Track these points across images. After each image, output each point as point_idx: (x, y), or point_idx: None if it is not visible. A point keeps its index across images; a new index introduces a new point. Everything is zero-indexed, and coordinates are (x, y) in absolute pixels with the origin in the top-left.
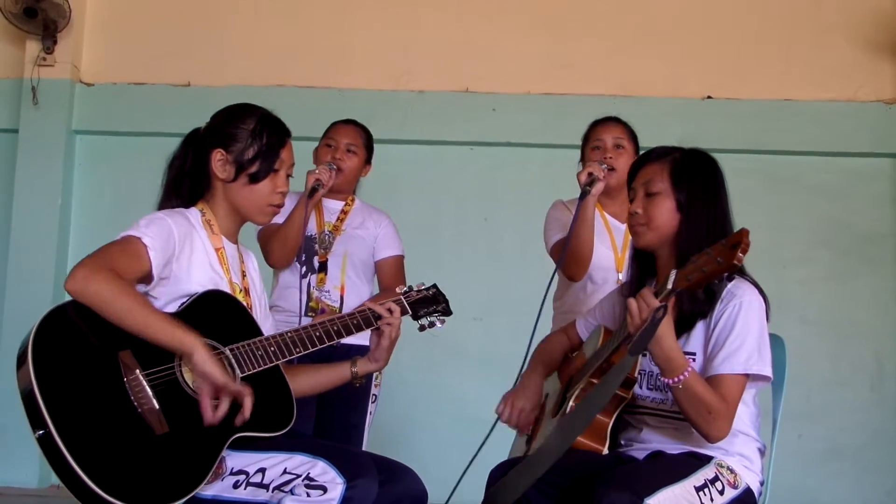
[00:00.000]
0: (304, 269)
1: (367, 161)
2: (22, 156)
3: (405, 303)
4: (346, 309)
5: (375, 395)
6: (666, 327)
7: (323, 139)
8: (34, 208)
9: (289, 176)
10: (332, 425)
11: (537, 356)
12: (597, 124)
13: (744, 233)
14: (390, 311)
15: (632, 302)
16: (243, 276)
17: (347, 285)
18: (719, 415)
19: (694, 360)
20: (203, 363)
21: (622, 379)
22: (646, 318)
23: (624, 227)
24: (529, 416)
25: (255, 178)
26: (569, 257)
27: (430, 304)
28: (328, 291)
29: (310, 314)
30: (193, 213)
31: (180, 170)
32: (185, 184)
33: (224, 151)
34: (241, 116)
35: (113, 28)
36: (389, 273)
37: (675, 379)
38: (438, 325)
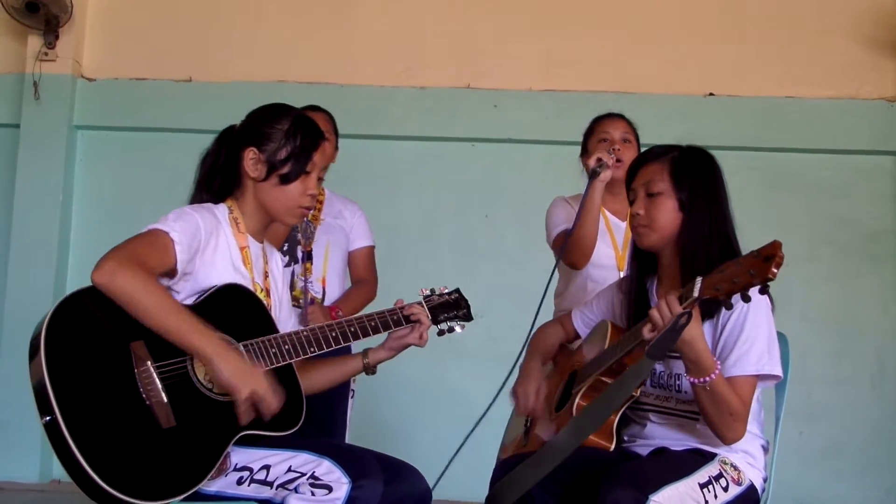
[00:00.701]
0: (286, 258)
1: (336, 146)
2: (23, 151)
3: (426, 308)
4: (328, 301)
5: (353, 391)
6: (696, 330)
7: None
8: (35, 204)
9: (320, 179)
10: (313, 423)
11: (533, 346)
12: (602, 119)
13: (777, 245)
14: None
15: (656, 309)
16: (265, 276)
17: (329, 276)
18: (739, 416)
19: None
20: (219, 374)
21: (641, 382)
22: (667, 324)
23: (624, 224)
24: (540, 398)
25: (286, 179)
26: (572, 243)
27: (451, 309)
28: (311, 282)
29: (293, 304)
30: (221, 210)
31: (213, 165)
32: (216, 180)
33: (257, 150)
34: (276, 116)
35: (115, 23)
36: (363, 264)
37: (703, 379)
38: (458, 329)
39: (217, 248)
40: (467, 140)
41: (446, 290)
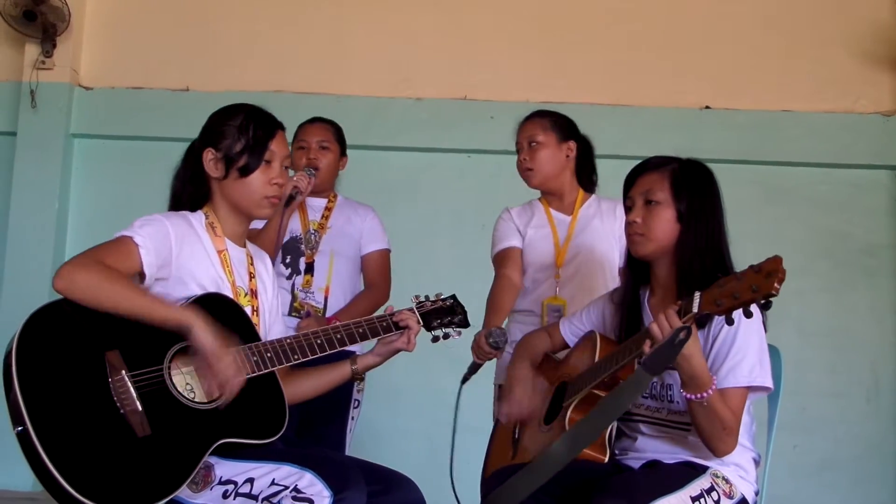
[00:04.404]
0: (289, 270)
1: (343, 153)
2: (20, 159)
3: (418, 314)
4: (330, 311)
5: (358, 401)
6: (695, 346)
7: (294, 143)
8: (32, 212)
9: (286, 168)
10: (311, 432)
11: (521, 351)
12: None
13: (778, 260)
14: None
15: (656, 323)
16: (251, 277)
17: (334, 285)
18: (732, 430)
19: None
20: (201, 336)
21: (638, 396)
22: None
23: (569, 219)
24: (532, 404)
25: (245, 171)
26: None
27: (446, 315)
28: (312, 293)
29: (293, 314)
30: (197, 217)
31: (182, 181)
32: (186, 192)
33: (214, 150)
34: (229, 114)
35: (112, 32)
36: (375, 268)
37: (699, 395)
38: (454, 336)
39: (193, 254)
40: (463, 151)
41: (441, 297)
